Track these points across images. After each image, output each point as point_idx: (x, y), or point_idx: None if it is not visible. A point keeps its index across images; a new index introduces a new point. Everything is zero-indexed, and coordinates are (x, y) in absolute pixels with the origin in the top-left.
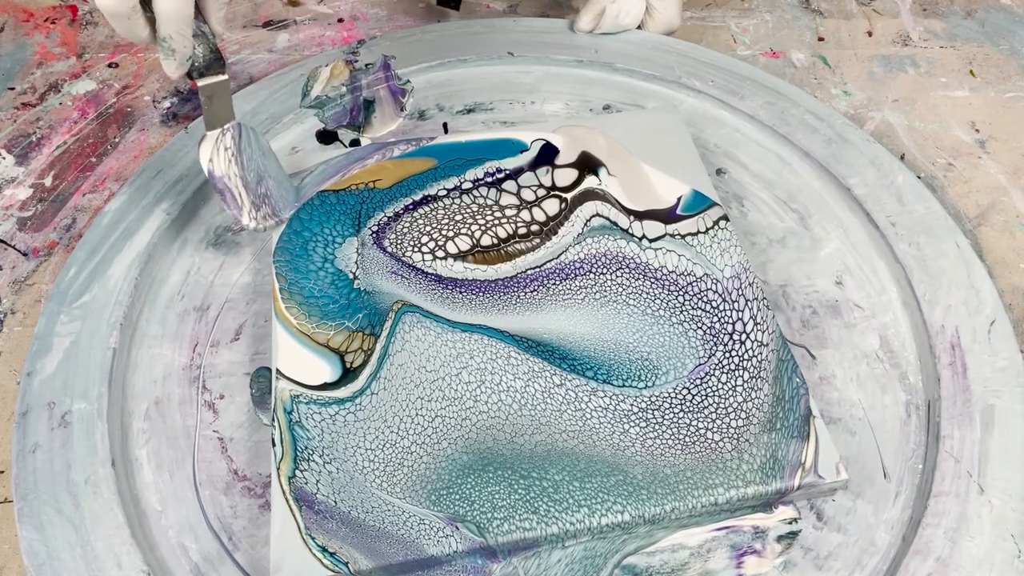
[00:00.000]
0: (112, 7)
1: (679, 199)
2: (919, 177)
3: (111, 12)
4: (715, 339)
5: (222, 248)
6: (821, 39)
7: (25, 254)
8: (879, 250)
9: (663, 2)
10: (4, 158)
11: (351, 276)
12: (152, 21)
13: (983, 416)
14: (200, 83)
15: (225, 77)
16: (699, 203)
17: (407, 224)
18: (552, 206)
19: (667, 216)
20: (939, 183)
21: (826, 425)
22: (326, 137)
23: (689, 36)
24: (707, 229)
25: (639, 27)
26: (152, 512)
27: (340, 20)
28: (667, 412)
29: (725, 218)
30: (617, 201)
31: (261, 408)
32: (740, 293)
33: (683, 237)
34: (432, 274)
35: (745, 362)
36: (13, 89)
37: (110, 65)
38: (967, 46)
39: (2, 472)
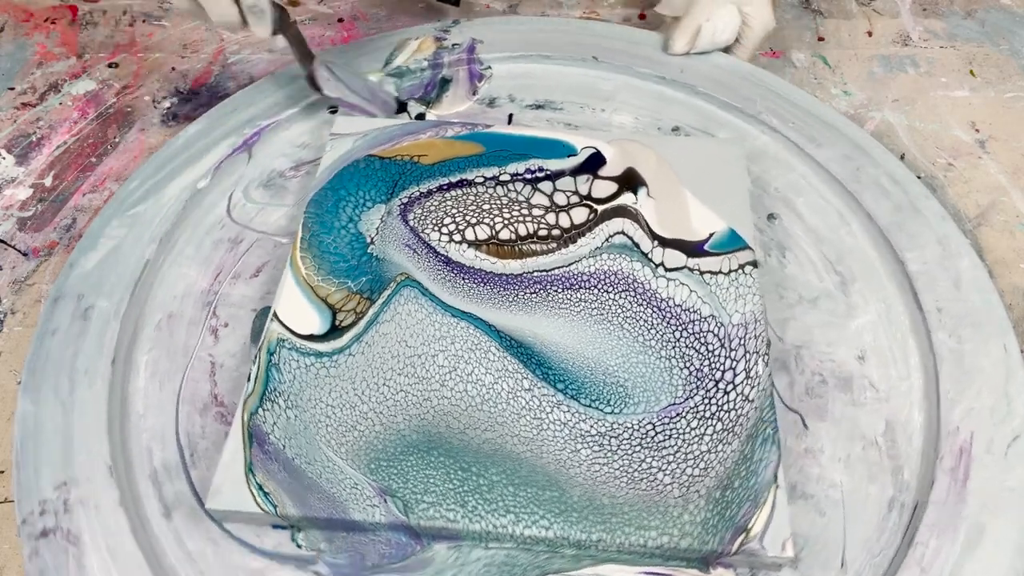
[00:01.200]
0: None
1: (711, 235)
2: (919, 177)
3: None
4: (699, 383)
5: (270, 190)
6: (821, 39)
7: (25, 254)
8: (916, 334)
9: (754, 6)
10: (4, 158)
11: (368, 240)
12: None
13: (969, 533)
14: (284, 35)
15: (294, 20)
16: (731, 243)
17: (436, 203)
18: (580, 215)
19: (693, 249)
20: (939, 183)
21: (796, 500)
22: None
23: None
24: (730, 271)
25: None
26: (134, 414)
27: (340, 20)
28: (624, 442)
29: (754, 264)
30: (647, 223)
31: (256, 344)
32: (741, 343)
33: (702, 273)
34: (443, 255)
35: (723, 413)
36: (13, 89)
37: (110, 65)
38: (967, 46)
39: (2, 472)
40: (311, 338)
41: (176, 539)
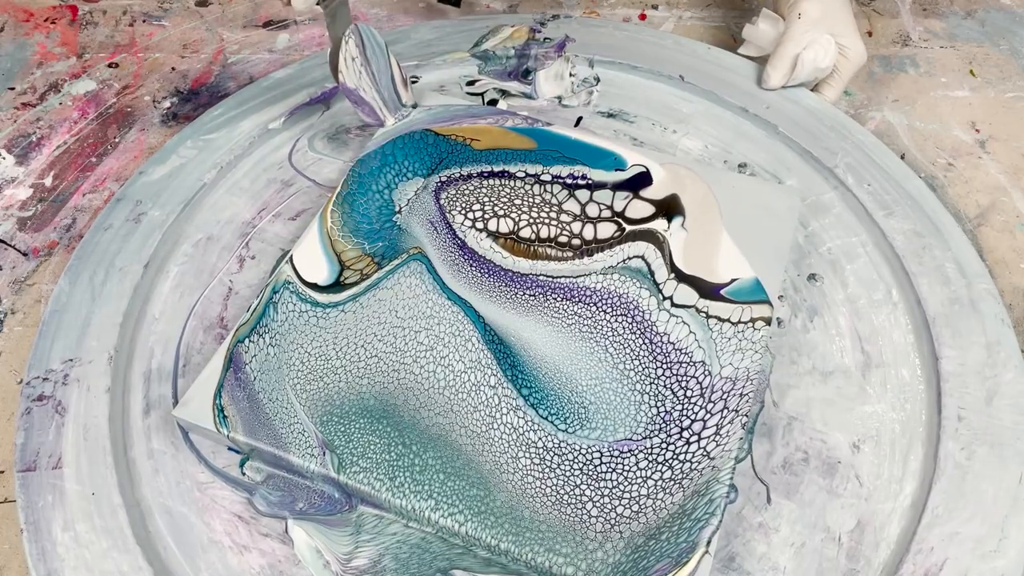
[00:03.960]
0: None
1: (732, 280)
2: (920, 176)
3: None
4: (663, 425)
5: (333, 143)
6: None
7: (25, 254)
8: (927, 440)
9: (849, 38)
10: (4, 158)
11: (396, 209)
12: None
13: None
14: (323, 7)
15: None
16: (751, 294)
17: (471, 188)
18: (606, 230)
19: (708, 290)
20: (939, 183)
21: (728, 573)
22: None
23: (688, 34)
24: (739, 321)
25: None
26: (149, 316)
27: None
28: (565, 462)
29: (768, 321)
30: (670, 254)
31: None
32: (723, 397)
33: (708, 317)
34: (460, 238)
35: (676, 462)
36: (13, 89)
37: (110, 65)
38: (967, 46)
39: (2, 472)
40: (314, 287)
41: (146, 434)
